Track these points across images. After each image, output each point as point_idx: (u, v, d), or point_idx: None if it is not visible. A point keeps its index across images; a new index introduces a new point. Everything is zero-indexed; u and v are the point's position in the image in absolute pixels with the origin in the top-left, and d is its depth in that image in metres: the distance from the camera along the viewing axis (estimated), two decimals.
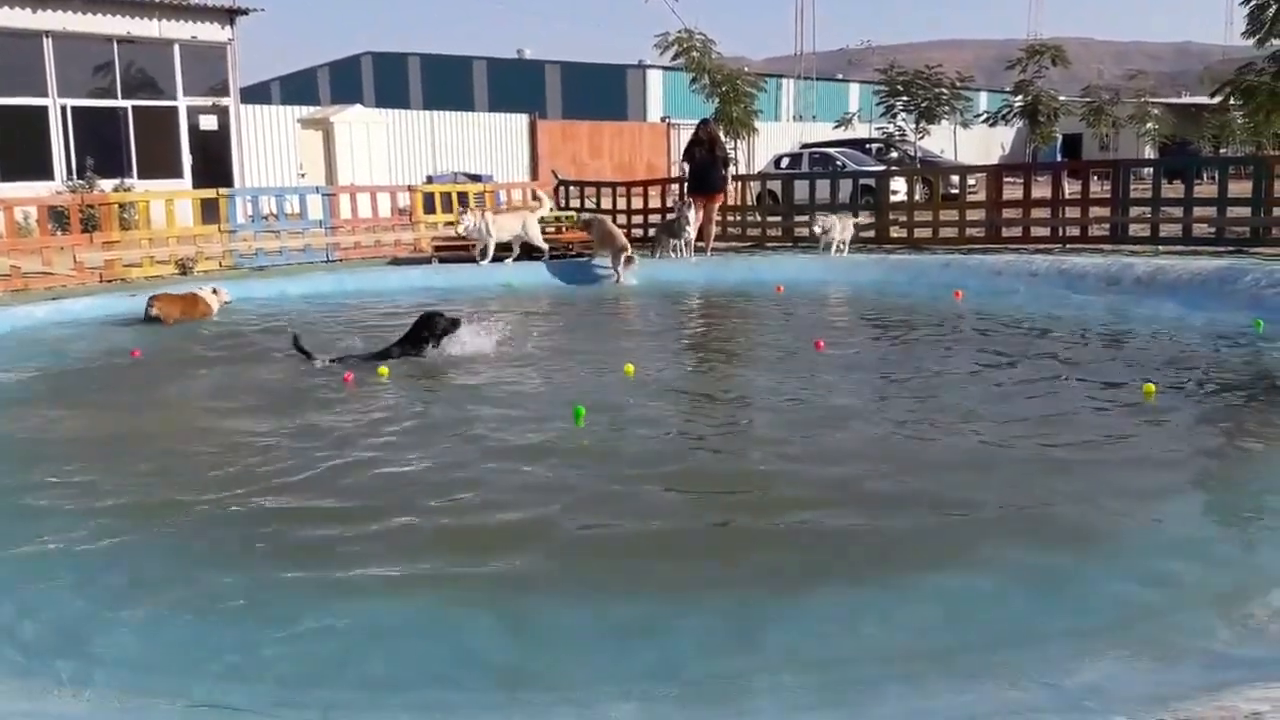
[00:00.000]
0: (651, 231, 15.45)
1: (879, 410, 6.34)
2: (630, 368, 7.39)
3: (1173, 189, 14.23)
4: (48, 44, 18.49)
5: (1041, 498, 4.64)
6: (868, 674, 3.11)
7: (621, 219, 16.58)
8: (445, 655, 3.33)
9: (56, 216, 13.98)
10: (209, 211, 14.37)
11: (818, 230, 13.82)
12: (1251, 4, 15.05)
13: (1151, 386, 6.39)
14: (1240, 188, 13.38)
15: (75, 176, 18.33)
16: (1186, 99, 43.71)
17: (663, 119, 37.62)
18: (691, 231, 13.67)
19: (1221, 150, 31.62)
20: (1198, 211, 13.02)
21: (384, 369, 7.49)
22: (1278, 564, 3.90)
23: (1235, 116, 23.73)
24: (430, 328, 7.65)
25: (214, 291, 10.99)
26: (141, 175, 19.34)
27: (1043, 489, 4.75)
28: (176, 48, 20.11)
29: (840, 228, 13.88)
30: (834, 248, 13.76)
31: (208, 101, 20.76)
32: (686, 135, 16.76)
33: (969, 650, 3.23)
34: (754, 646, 3.31)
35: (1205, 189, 14.75)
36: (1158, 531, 4.22)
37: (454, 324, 7.71)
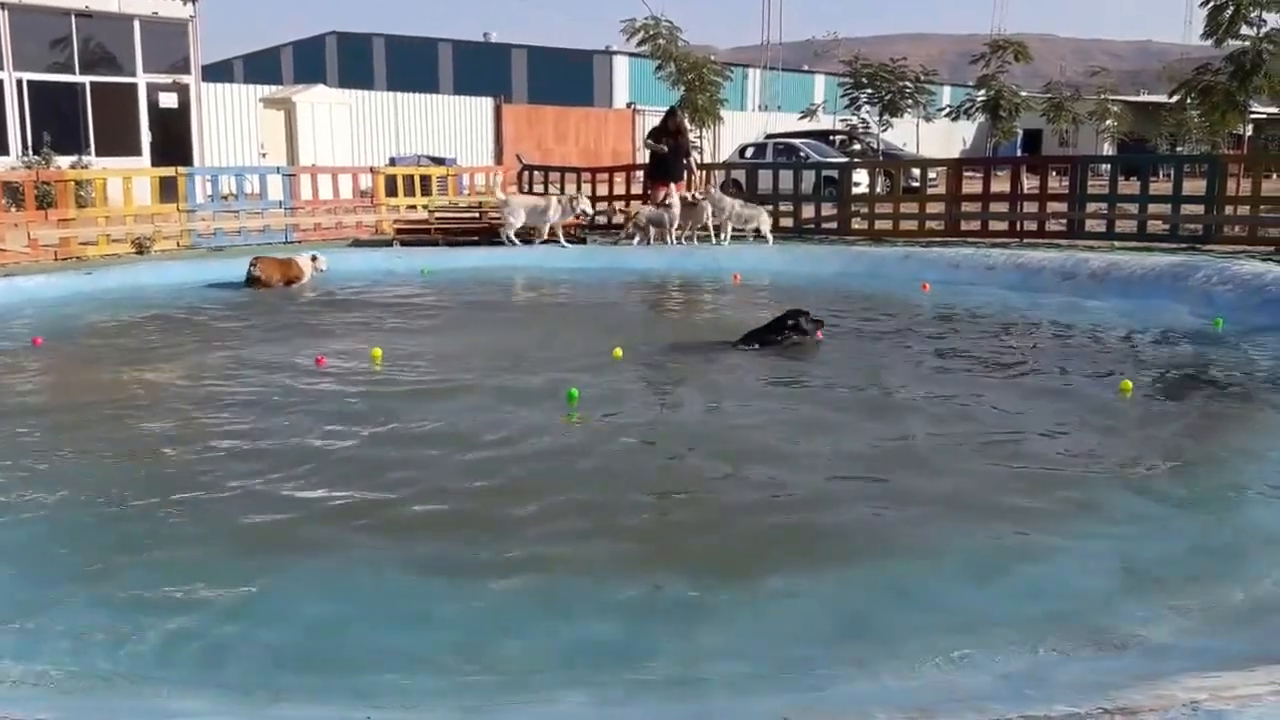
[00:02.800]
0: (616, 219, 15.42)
1: (842, 401, 6.41)
2: (619, 351, 7.44)
3: (1130, 186, 14.43)
4: (3, 16, 18.04)
5: (992, 489, 4.71)
6: (815, 660, 3.16)
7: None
8: (395, 638, 3.34)
9: (11, 193, 13.68)
10: (167, 190, 14.14)
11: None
12: (1210, 5, 15.29)
13: (1129, 384, 6.46)
14: (1194, 185, 13.62)
15: (31, 152, 17.94)
16: (1145, 97, 44.26)
17: (629, 105, 37.48)
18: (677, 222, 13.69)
19: (1178, 148, 32.08)
20: (1153, 208, 13.24)
21: (377, 351, 7.51)
22: (1219, 556, 4.00)
23: (1192, 115, 24.06)
24: (796, 325, 7.91)
25: (312, 259, 11.68)
26: (99, 152, 18.94)
27: (995, 480, 4.84)
28: (136, 23, 19.70)
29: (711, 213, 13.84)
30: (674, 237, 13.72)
31: (168, 79, 20.38)
32: (652, 123, 16.72)
33: (915, 637, 3.30)
34: (703, 632, 3.36)
35: (1161, 186, 14.98)
36: (1103, 523, 4.31)
37: (818, 325, 8.01)
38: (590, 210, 14.31)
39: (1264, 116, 30.85)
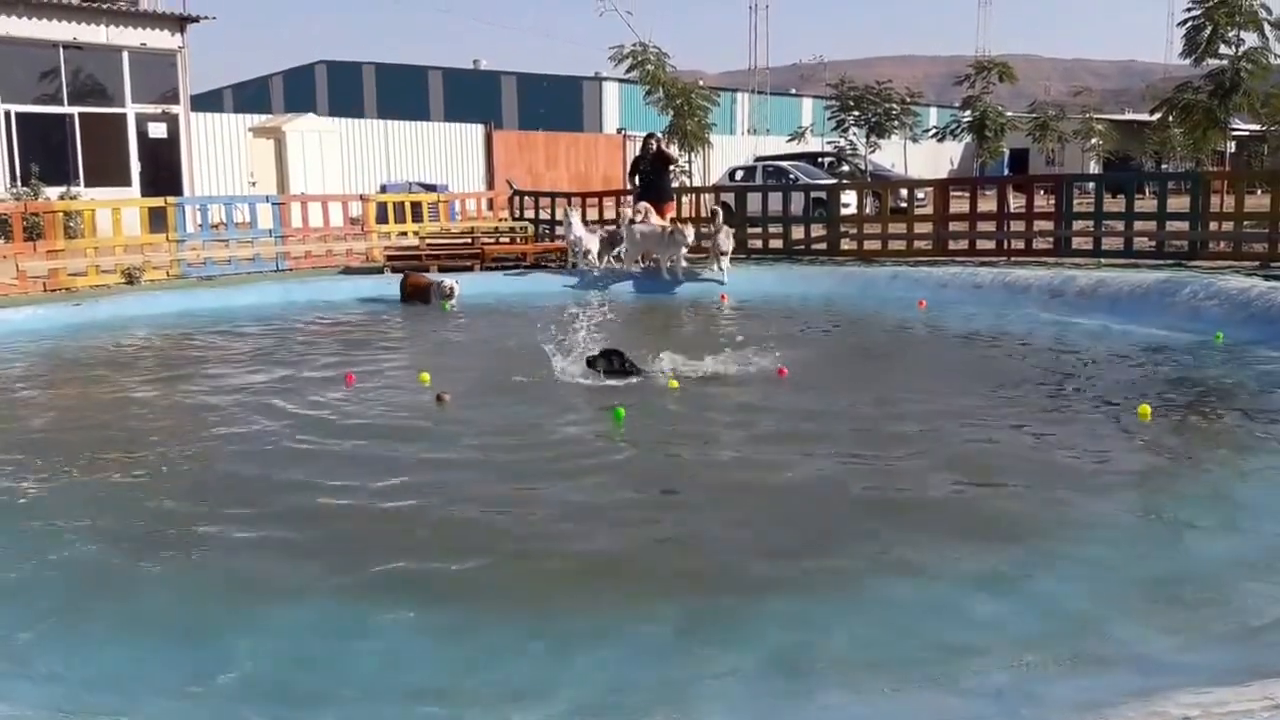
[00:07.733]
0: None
1: (836, 420, 6.40)
2: (674, 384, 7.30)
3: (1115, 203, 14.51)
4: None
5: (985, 508, 4.72)
6: (810, 680, 3.15)
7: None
8: (384, 669, 3.31)
9: None
10: (157, 220, 14.14)
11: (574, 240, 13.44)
12: (1188, 26, 15.47)
13: (1147, 408, 6.32)
14: (1179, 203, 13.70)
15: (19, 183, 17.94)
16: (1130, 116, 44.66)
17: (619, 130, 37.70)
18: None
19: (1163, 166, 32.34)
20: (1138, 225, 13.30)
21: (425, 375, 7.57)
22: (1211, 572, 3.99)
23: (1175, 133, 24.29)
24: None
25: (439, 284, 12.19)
26: (89, 183, 18.97)
27: (989, 499, 4.85)
28: (125, 54, 19.77)
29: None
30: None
31: (157, 109, 20.43)
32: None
33: (909, 657, 3.29)
34: (698, 654, 3.35)
35: (1146, 203, 15.07)
36: (1096, 542, 4.31)
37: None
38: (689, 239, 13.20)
39: (1245, 134, 31.12)
